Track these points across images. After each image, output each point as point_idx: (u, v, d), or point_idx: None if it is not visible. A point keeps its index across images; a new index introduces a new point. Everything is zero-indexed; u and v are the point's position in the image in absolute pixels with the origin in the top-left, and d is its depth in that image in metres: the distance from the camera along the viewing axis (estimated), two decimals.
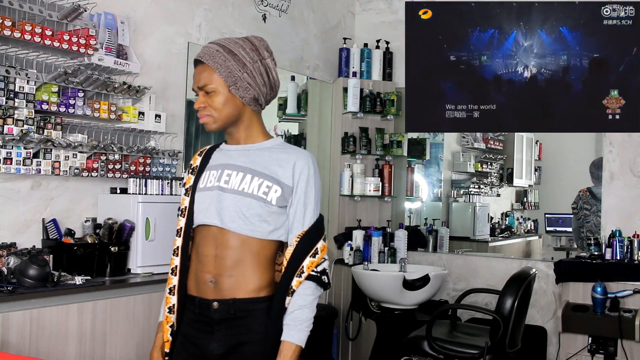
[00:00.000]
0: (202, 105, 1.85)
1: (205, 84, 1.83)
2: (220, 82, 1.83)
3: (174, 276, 1.90)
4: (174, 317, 1.89)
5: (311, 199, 1.87)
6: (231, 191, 1.83)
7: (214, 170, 1.90)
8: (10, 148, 2.74)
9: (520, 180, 7.02)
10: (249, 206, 1.81)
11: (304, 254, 1.83)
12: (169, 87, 3.54)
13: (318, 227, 1.88)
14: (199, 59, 1.85)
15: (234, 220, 1.81)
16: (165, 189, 3.17)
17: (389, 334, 3.91)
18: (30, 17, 2.80)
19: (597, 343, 3.64)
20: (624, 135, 4.00)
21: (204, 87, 1.84)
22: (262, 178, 1.84)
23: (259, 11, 4.24)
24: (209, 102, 1.85)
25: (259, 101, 1.89)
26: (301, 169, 1.85)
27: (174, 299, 1.89)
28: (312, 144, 4.70)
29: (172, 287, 1.90)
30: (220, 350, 1.82)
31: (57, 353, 2.47)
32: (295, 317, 1.80)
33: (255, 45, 1.87)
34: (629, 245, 3.77)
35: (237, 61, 1.82)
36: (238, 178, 1.85)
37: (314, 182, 1.88)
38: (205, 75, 1.84)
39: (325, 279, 1.85)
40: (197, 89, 1.86)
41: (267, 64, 1.87)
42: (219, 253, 1.82)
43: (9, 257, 2.61)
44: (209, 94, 1.84)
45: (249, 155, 1.89)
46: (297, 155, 1.87)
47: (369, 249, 4.40)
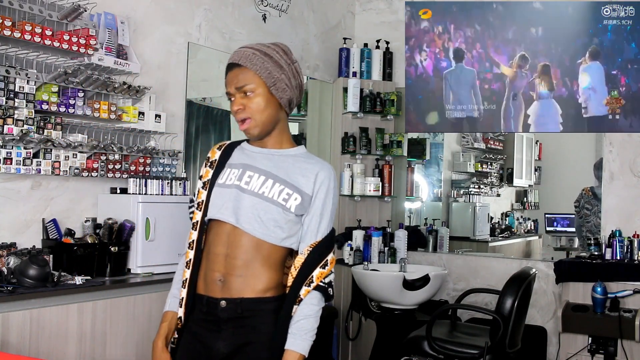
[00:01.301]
0: (240, 107, 1.83)
1: (245, 83, 1.81)
2: (260, 82, 1.82)
3: (188, 269, 1.89)
4: (181, 311, 1.89)
5: (328, 211, 1.87)
6: (251, 193, 1.83)
7: (235, 169, 1.89)
8: (10, 148, 2.73)
9: (520, 180, 7.02)
10: (266, 210, 1.82)
11: (315, 264, 1.84)
12: (169, 87, 3.54)
13: (330, 240, 1.89)
14: (235, 62, 1.83)
15: (249, 222, 1.81)
16: (165, 189, 3.17)
17: (389, 334, 3.91)
18: (30, 17, 2.80)
19: (597, 343, 3.64)
20: (624, 135, 4.00)
21: (243, 87, 1.81)
22: (284, 185, 1.84)
23: (259, 11, 4.24)
24: (248, 104, 1.83)
25: (292, 104, 1.91)
26: (322, 180, 1.86)
27: (185, 293, 1.89)
28: (312, 144, 4.70)
29: (185, 279, 1.89)
30: (227, 349, 1.82)
31: (57, 353, 2.47)
32: (301, 326, 1.81)
33: (285, 50, 1.89)
34: (629, 245, 3.77)
35: (274, 63, 1.82)
36: (259, 181, 1.84)
37: (333, 195, 1.89)
38: (243, 76, 1.81)
39: (330, 291, 1.86)
40: (234, 90, 1.83)
41: (297, 68, 1.90)
42: (230, 252, 1.83)
43: (9, 257, 2.61)
44: (248, 95, 1.82)
45: (272, 159, 1.89)
46: (321, 167, 1.88)
47: (369, 249, 4.40)
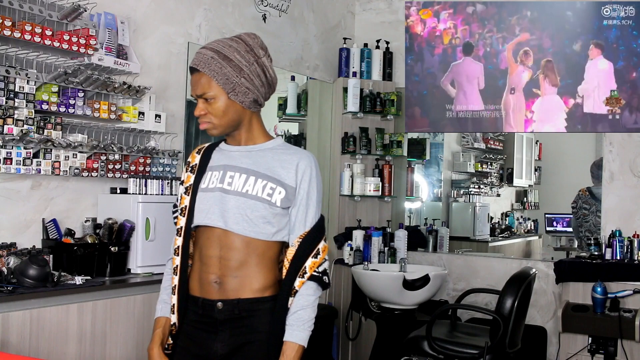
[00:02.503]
0: (202, 113, 1.84)
1: (204, 92, 1.82)
2: (219, 90, 1.81)
3: (176, 275, 1.89)
4: (174, 317, 1.89)
5: (313, 200, 1.87)
6: (235, 193, 1.83)
7: (215, 171, 1.89)
8: (10, 148, 2.73)
9: (520, 180, 7.02)
10: (253, 208, 1.81)
11: (306, 254, 1.84)
12: (169, 87, 3.54)
13: (319, 228, 1.88)
14: (194, 67, 1.83)
15: (238, 222, 1.81)
16: (165, 189, 3.17)
17: (389, 334, 3.91)
18: (30, 17, 2.80)
19: (597, 343, 3.64)
20: (624, 135, 4.00)
21: (202, 95, 1.82)
22: (266, 180, 1.83)
23: (259, 11, 4.24)
24: (209, 109, 1.83)
25: (259, 102, 1.88)
26: (304, 170, 1.85)
27: (175, 299, 1.89)
28: (312, 144, 4.70)
29: (174, 286, 1.89)
30: (224, 350, 1.82)
31: (57, 353, 2.47)
32: (299, 317, 1.81)
33: (250, 45, 1.84)
34: (629, 245, 3.77)
35: (234, 67, 1.80)
36: (241, 180, 1.84)
37: (316, 183, 1.88)
38: (202, 83, 1.82)
39: (326, 279, 1.86)
40: (195, 96, 1.85)
41: (263, 63, 1.86)
42: (224, 254, 1.82)
43: (9, 257, 2.61)
44: (208, 101, 1.82)
45: (250, 156, 1.88)
46: (300, 156, 1.87)
47: (369, 249, 4.40)
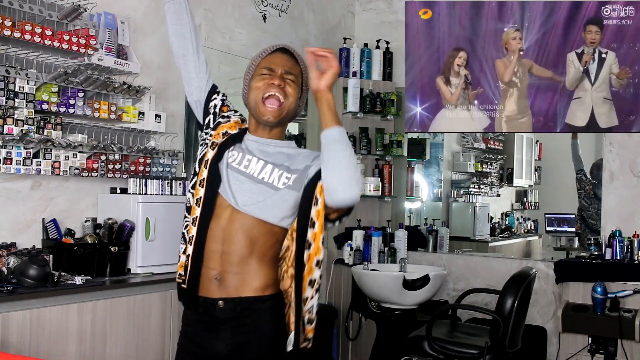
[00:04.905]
0: (281, 84, 1.90)
1: (291, 70, 1.92)
2: (297, 81, 1.94)
3: (190, 245, 1.87)
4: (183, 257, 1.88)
5: None
6: (249, 177, 1.86)
7: (234, 152, 1.92)
8: (10, 148, 2.73)
9: (520, 180, 7.03)
10: (265, 194, 1.84)
11: (305, 224, 1.86)
12: (169, 87, 3.54)
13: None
14: (287, 48, 1.95)
15: (246, 204, 1.84)
16: (165, 189, 3.17)
17: (389, 334, 3.91)
18: (30, 17, 2.80)
19: (597, 343, 3.64)
20: (624, 135, 4.00)
21: (289, 72, 1.91)
22: (282, 170, 1.88)
23: (259, 11, 4.24)
24: (286, 88, 1.91)
25: (296, 116, 2.04)
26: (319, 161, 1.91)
27: (191, 249, 1.86)
28: (312, 144, 4.69)
29: (192, 236, 1.86)
30: (226, 349, 1.82)
31: (57, 353, 2.47)
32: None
33: None
34: (629, 245, 3.77)
35: (305, 70, 1.95)
36: (259, 165, 1.89)
37: None
38: (291, 63, 1.93)
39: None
40: (282, 72, 1.90)
41: None
42: (225, 249, 1.83)
43: (9, 257, 2.61)
44: (287, 82, 1.91)
45: (269, 148, 1.94)
46: (315, 153, 1.97)
47: (369, 249, 4.40)
